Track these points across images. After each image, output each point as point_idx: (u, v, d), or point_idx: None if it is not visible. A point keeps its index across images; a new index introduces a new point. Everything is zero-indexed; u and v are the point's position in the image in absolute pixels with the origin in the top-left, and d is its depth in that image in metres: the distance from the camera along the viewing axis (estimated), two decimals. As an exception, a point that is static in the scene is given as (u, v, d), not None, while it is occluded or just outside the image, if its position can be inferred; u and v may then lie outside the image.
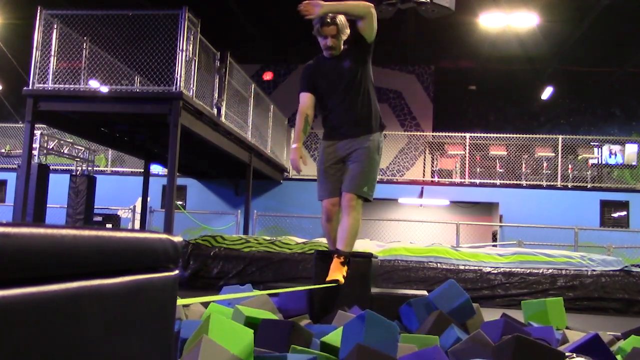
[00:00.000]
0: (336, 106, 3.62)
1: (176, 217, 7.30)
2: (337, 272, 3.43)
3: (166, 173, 8.05)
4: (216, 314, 2.00)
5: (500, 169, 14.01)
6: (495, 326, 2.74)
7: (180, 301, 1.93)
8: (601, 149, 14.11)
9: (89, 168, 11.19)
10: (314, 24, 3.49)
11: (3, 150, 13.03)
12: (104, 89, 7.49)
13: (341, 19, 3.49)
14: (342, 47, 3.57)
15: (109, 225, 11.03)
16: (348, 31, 3.55)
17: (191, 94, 7.20)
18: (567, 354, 2.25)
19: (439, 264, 6.60)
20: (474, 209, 14.72)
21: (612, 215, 13.12)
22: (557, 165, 13.55)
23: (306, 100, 3.66)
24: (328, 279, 3.40)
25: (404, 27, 13.65)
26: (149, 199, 10.97)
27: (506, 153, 14.10)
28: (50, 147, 10.50)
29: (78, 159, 11.13)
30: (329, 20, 3.44)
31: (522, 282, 6.39)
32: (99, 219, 11.35)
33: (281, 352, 2.07)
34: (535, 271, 6.47)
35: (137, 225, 11.70)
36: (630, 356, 2.32)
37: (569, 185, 13.63)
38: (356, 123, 3.56)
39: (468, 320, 3.23)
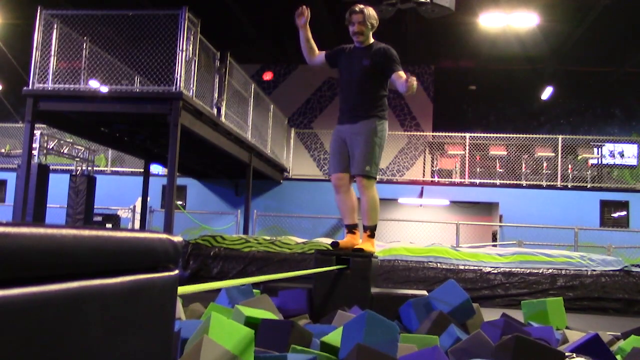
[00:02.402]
0: (345, 90, 4.00)
1: (176, 217, 7.30)
2: (367, 244, 3.79)
3: (166, 173, 8.05)
4: (217, 314, 2.00)
5: (500, 169, 14.01)
6: (495, 326, 2.74)
7: (181, 289, 1.92)
8: (601, 149, 14.11)
9: (89, 168, 11.19)
10: (347, 14, 3.91)
11: (3, 150, 13.02)
12: (104, 89, 7.49)
13: (369, 10, 3.89)
14: (370, 37, 3.94)
15: (109, 225, 11.03)
16: (375, 23, 3.95)
17: (191, 94, 7.20)
18: (567, 354, 2.25)
19: (438, 264, 6.60)
20: (474, 209, 14.72)
21: (612, 215, 13.12)
22: (557, 165, 13.54)
23: (320, 53, 4.09)
24: (358, 247, 3.74)
25: (404, 27, 13.65)
26: (149, 199, 10.97)
27: (506, 153, 14.09)
28: (50, 147, 10.49)
29: (78, 159, 11.13)
30: (357, 9, 3.88)
31: (522, 282, 6.39)
32: (99, 219, 11.34)
33: (281, 352, 2.07)
34: (535, 271, 6.47)
35: (137, 225, 11.70)
36: (630, 356, 2.32)
37: (569, 185, 13.63)
38: (356, 111, 3.89)
39: (468, 320, 3.23)
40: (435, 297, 3.20)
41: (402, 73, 3.79)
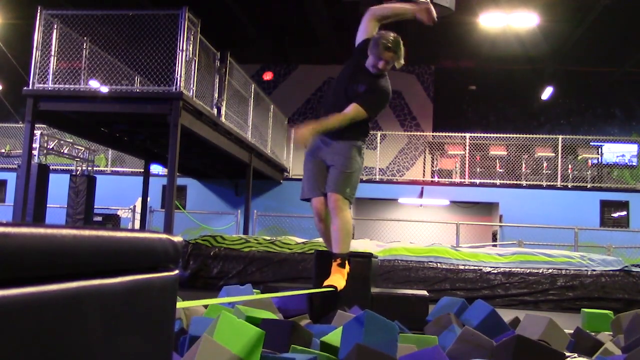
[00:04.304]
0: (331, 101, 3.67)
1: (176, 217, 7.30)
2: (337, 276, 3.43)
3: (166, 173, 8.05)
4: (227, 313, 1.98)
5: (500, 169, 14.00)
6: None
7: (180, 304, 1.92)
8: (601, 149, 14.11)
9: (89, 168, 11.19)
10: (375, 42, 3.43)
11: (3, 150, 13.02)
12: (104, 89, 7.49)
13: (401, 48, 3.45)
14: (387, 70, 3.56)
15: (109, 225, 11.02)
16: (401, 62, 3.50)
17: (191, 94, 7.20)
18: (567, 354, 2.25)
19: (439, 264, 6.60)
20: (474, 209, 14.71)
21: (612, 215, 13.12)
22: (557, 165, 13.54)
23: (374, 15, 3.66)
24: (326, 283, 3.40)
25: (404, 27, 13.64)
26: (149, 199, 10.97)
27: (506, 153, 14.09)
28: (50, 147, 10.49)
29: (78, 159, 11.13)
30: (390, 45, 3.40)
31: (522, 282, 6.38)
32: (99, 219, 11.34)
33: (281, 352, 2.07)
34: (535, 271, 6.46)
35: (137, 225, 11.70)
36: (630, 356, 2.31)
37: (569, 185, 13.62)
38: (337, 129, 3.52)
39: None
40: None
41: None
